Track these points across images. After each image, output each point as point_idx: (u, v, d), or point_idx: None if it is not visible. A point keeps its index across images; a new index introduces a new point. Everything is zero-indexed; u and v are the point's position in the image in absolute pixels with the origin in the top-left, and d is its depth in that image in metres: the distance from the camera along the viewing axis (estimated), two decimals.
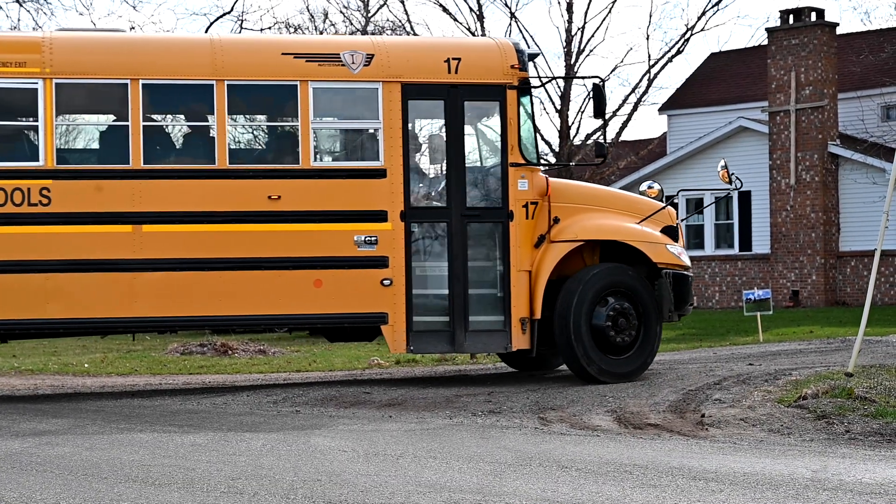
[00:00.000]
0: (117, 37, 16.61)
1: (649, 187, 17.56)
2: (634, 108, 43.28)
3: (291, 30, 44.61)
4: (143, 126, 15.42)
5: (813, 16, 37.97)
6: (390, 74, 15.92)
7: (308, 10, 62.19)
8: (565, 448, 11.18)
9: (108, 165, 15.42)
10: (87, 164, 15.48)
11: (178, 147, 16.01)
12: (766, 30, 38.84)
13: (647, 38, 75.79)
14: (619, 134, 43.53)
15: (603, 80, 16.49)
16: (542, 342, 16.31)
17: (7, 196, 15.04)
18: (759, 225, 38.80)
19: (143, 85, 15.43)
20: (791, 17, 38.20)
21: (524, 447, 11.26)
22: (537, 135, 16.78)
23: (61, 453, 11.01)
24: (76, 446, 11.45)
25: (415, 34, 45.15)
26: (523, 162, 16.11)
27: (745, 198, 38.65)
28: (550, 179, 16.48)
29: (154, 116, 15.77)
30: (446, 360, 20.93)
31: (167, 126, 16.29)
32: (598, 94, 16.29)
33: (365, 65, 15.86)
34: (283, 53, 15.93)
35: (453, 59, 16.03)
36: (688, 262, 16.81)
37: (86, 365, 21.68)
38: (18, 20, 44.65)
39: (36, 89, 15.24)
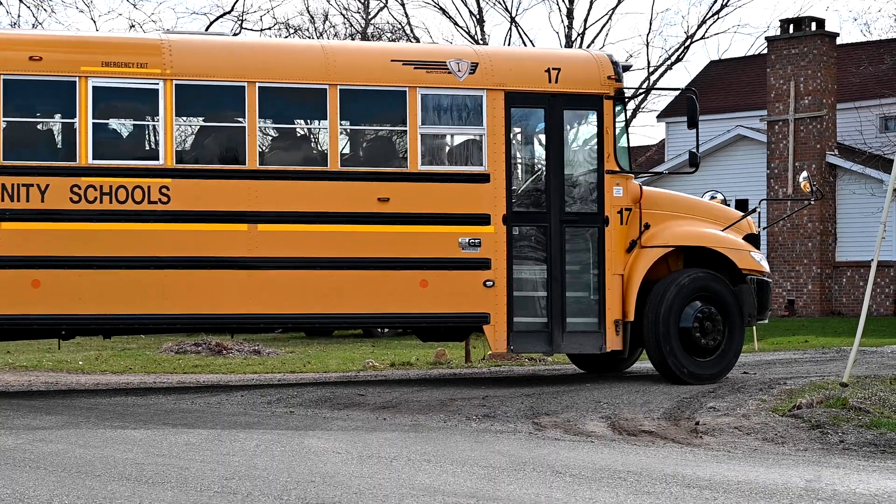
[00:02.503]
0: (233, 40, 17.15)
1: (713, 196, 18.24)
2: (633, 115, 43.31)
3: (291, 31, 44.59)
4: (260, 128, 15.86)
5: (813, 26, 37.97)
6: (494, 83, 16.41)
7: (308, 12, 62.23)
8: (559, 454, 11.17)
9: (225, 166, 15.77)
10: (204, 164, 15.74)
11: (291, 149, 16.36)
12: (766, 39, 38.87)
13: (647, 45, 76.04)
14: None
15: (695, 92, 17.26)
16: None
17: (128, 194, 15.32)
18: None
19: (260, 88, 15.80)
20: (791, 26, 38.21)
21: (518, 452, 11.26)
22: (629, 144, 17.31)
23: (55, 450, 10.99)
24: (70, 443, 11.44)
25: (414, 37, 45.18)
26: (618, 170, 16.63)
27: (741, 207, 38.66)
28: (643, 187, 17.06)
29: (269, 118, 16.23)
30: (441, 363, 20.93)
31: (281, 128, 16.67)
32: (692, 106, 16.82)
33: (470, 73, 16.33)
34: (392, 60, 16.39)
35: (553, 68, 16.56)
36: (768, 269, 17.40)
37: (80, 362, 21.66)
38: (18, 16, 44.61)
39: (157, 90, 15.56)
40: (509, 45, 45.55)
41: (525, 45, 44.09)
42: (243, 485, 9.29)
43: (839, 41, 39.04)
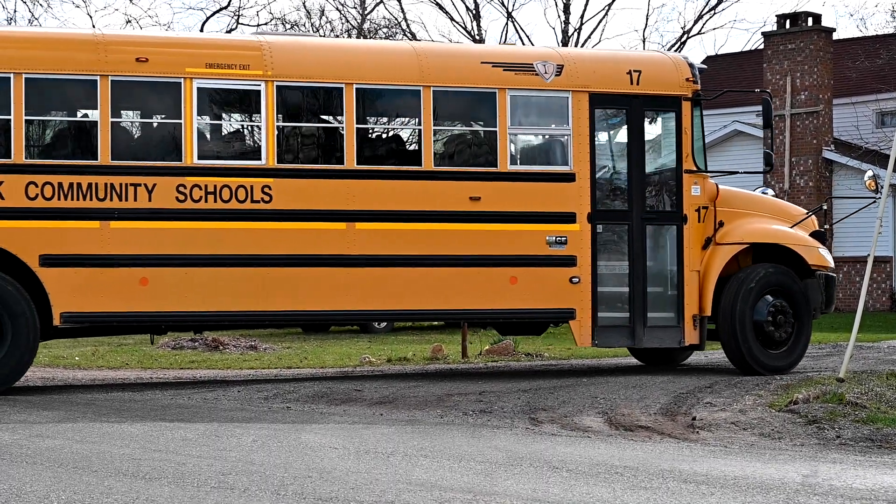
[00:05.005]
0: (329, 42, 17.66)
1: (763, 192, 18.89)
2: None
3: (288, 26, 44.55)
4: (357, 128, 16.11)
5: (809, 21, 37.98)
6: (579, 84, 16.82)
7: (305, 7, 62.06)
8: (556, 449, 11.18)
9: (324, 165, 16.05)
10: (304, 164, 15.99)
11: (386, 149, 16.73)
12: (763, 34, 38.88)
13: (644, 41, 75.86)
14: None
15: (769, 94, 18.10)
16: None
17: (231, 193, 15.58)
18: None
19: (357, 89, 16.11)
20: (788, 22, 38.22)
21: (515, 447, 11.26)
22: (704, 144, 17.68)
23: (52, 446, 10.99)
24: (67, 439, 11.43)
25: (411, 32, 45.15)
26: (696, 169, 17.13)
27: None
28: (720, 186, 17.52)
29: (366, 119, 16.57)
30: (437, 358, 20.93)
31: (376, 128, 17.11)
32: (767, 107, 17.38)
33: (556, 75, 16.71)
34: (482, 62, 16.75)
35: (634, 71, 17.04)
36: (833, 264, 17.88)
37: (76, 358, 21.65)
38: (15, 11, 44.57)
39: (259, 91, 15.83)
40: (506, 40, 45.53)
41: (525, 42, 44.06)
42: (240, 480, 9.29)
43: (835, 36, 39.04)
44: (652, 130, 17.45)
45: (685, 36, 44.48)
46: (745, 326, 16.96)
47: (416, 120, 16.50)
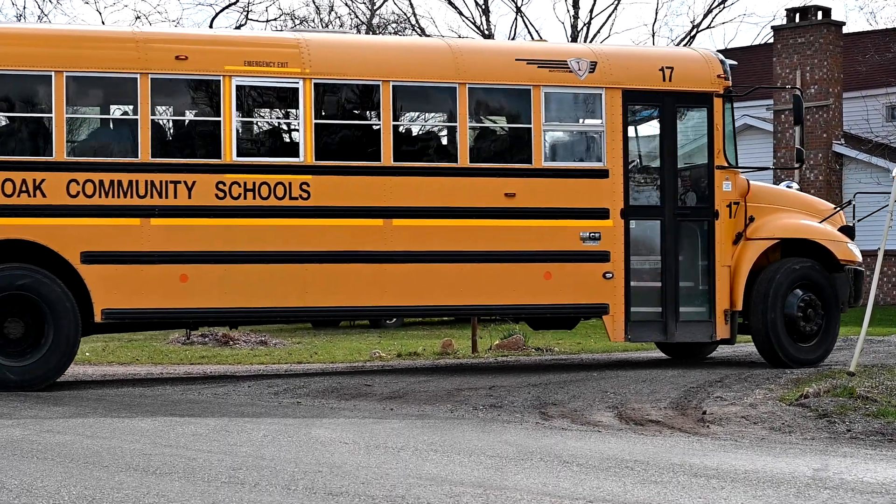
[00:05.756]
0: (365, 39, 17.92)
1: (788, 186, 18.98)
2: None
3: (297, 21, 44.55)
4: (393, 125, 16.26)
5: (819, 15, 37.91)
6: (612, 81, 16.98)
7: (314, 3, 62.07)
8: (566, 443, 11.17)
9: (361, 162, 16.15)
10: (342, 161, 16.07)
11: (422, 145, 16.88)
12: (773, 28, 38.82)
13: (653, 35, 75.78)
14: None
15: (801, 90, 17.94)
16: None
17: (270, 190, 15.69)
18: None
19: (394, 86, 16.23)
20: (797, 15, 38.16)
21: (525, 442, 11.26)
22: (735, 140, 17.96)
23: (62, 441, 11.00)
24: (77, 434, 11.45)
25: (420, 28, 45.14)
26: (727, 165, 17.30)
27: None
28: (751, 182, 17.72)
29: (402, 116, 16.88)
30: (447, 353, 20.93)
31: (413, 125, 17.39)
32: (798, 103, 17.67)
33: (590, 72, 16.86)
34: (516, 59, 16.85)
35: (667, 67, 17.20)
36: (861, 258, 18.07)
37: (86, 353, 21.67)
38: (24, 7, 44.59)
39: (297, 88, 15.93)
40: (514, 34, 45.52)
41: (533, 37, 44.04)
42: (251, 475, 9.29)
43: (845, 30, 38.95)
44: (684, 126, 17.60)
45: (695, 30, 44.47)
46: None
47: (452, 117, 16.59)
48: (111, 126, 16.23)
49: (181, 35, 17.49)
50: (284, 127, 16.84)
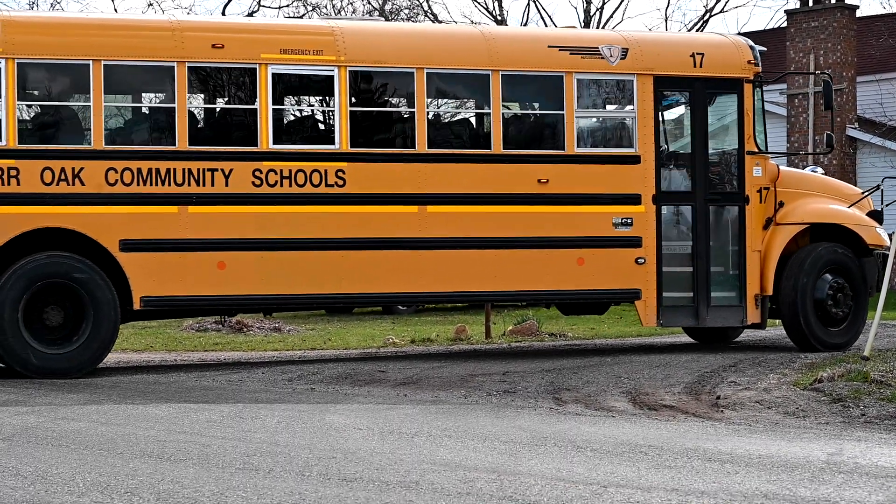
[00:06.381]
0: (398, 27, 18.39)
1: (813, 171, 19.12)
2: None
3: (309, 8, 44.50)
4: (427, 112, 16.43)
5: None
6: (643, 67, 17.07)
7: None
8: (580, 428, 11.17)
9: (396, 149, 16.31)
10: (377, 148, 16.20)
11: (455, 132, 17.00)
12: (786, 12, 38.67)
13: (667, 20, 75.56)
14: None
15: (830, 76, 18.58)
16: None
17: (306, 177, 15.79)
18: None
19: (428, 73, 16.31)
20: None
21: (539, 427, 11.26)
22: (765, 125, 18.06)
23: (77, 428, 11.02)
24: (92, 421, 11.47)
25: (433, 13, 45.07)
26: (757, 150, 17.43)
27: None
28: (781, 167, 17.82)
29: (436, 103, 17.06)
30: (461, 339, 20.93)
31: (447, 112, 17.53)
32: (828, 89, 17.86)
33: (621, 58, 16.96)
34: (549, 46, 16.91)
35: (697, 53, 17.30)
36: (889, 242, 17.92)
37: None
38: None
39: (332, 76, 16.00)
40: (527, 19, 45.45)
41: (546, 23, 43.98)
42: (265, 461, 9.31)
43: (859, 14, 38.81)
44: (714, 113, 17.71)
45: (708, 14, 44.38)
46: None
47: (486, 104, 16.66)
48: (148, 114, 16.35)
49: (217, 23, 17.73)
50: (319, 114, 17.03)
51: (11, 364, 14.98)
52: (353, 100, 16.13)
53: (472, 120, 17.55)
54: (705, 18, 44.75)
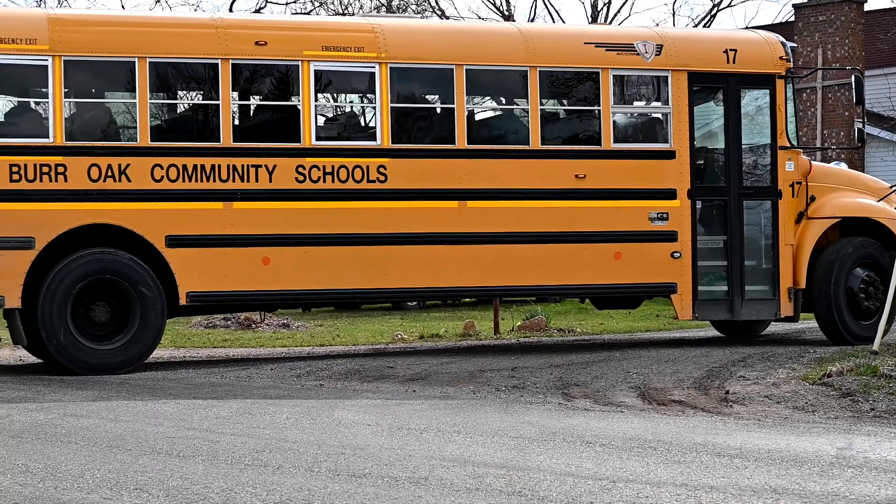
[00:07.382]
0: (436, 24, 19.00)
1: (836, 164, 19.50)
2: None
3: (317, 4, 44.48)
4: (467, 108, 16.58)
5: None
6: (678, 63, 17.31)
7: None
8: (589, 424, 11.17)
9: (437, 145, 16.45)
10: (418, 144, 16.43)
11: (494, 128, 17.21)
12: (793, 6, 38.61)
13: (674, 14, 75.64)
14: None
15: (861, 70, 18.64)
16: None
17: (348, 173, 15.94)
18: None
19: (467, 70, 16.47)
20: None
21: (548, 422, 11.25)
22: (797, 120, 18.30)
23: (86, 425, 11.04)
24: (101, 418, 11.48)
25: (440, 10, 45.04)
26: (789, 145, 17.63)
27: None
28: (812, 162, 18.04)
29: (475, 99, 17.17)
30: (469, 334, 20.94)
31: (485, 109, 17.70)
32: (858, 83, 18.20)
33: (656, 54, 17.15)
34: (585, 42, 17.16)
35: (730, 49, 17.52)
36: None
37: None
38: None
39: (373, 73, 16.17)
40: (535, 15, 45.40)
41: (556, 16, 43.94)
42: (274, 457, 9.31)
43: (866, 8, 38.75)
44: (747, 108, 17.82)
45: (715, 9, 44.29)
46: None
47: (523, 100, 16.85)
48: (193, 111, 16.45)
49: (260, 21, 17.99)
50: (361, 111, 17.29)
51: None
52: (394, 96, 16.25)
53: (511, 116, 17.67)
54: (712, 13, 44.67)
